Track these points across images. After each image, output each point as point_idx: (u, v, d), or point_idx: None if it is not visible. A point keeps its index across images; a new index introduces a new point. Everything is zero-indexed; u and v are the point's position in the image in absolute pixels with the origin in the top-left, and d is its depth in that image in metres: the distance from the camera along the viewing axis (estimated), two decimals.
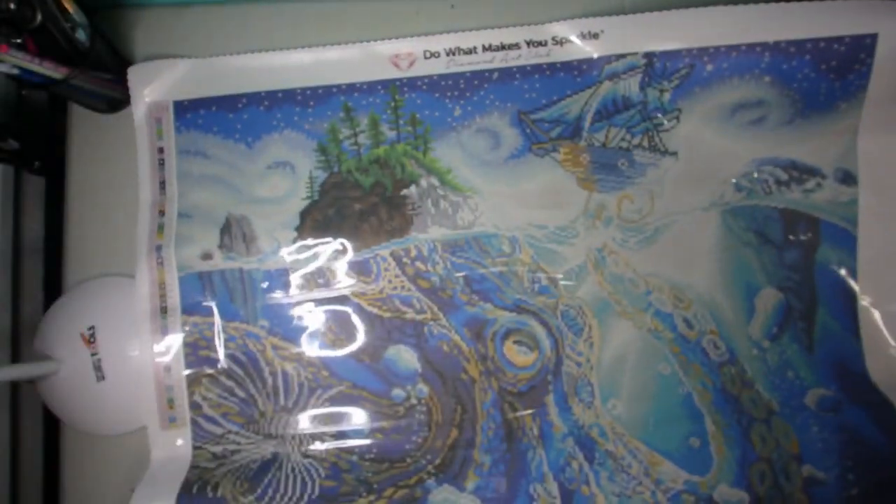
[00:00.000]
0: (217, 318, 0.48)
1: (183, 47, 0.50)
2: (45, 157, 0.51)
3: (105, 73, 0.46)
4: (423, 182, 0.49)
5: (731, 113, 0.47)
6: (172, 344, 0.48)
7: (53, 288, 0.51)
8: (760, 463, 0.46)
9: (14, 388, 0.50)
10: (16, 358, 0.49)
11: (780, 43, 0.46)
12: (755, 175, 0.48)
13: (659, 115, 0.48)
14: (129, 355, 0.47)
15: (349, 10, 0.50)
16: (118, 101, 0.49)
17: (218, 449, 0.47)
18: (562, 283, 0.48)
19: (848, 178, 0.47)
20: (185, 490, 0.45)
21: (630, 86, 0.48)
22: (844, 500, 0.45)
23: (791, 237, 0.48)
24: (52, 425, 0.51)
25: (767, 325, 0.48)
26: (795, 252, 0.48)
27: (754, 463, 0.46)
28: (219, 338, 0.48)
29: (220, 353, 0.48)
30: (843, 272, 0.47)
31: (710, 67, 0.47)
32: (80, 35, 0.42)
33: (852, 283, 0.47)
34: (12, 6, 0.38)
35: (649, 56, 0.47)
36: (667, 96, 0.48)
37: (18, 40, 0.39)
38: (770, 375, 0.47)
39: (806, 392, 0.47)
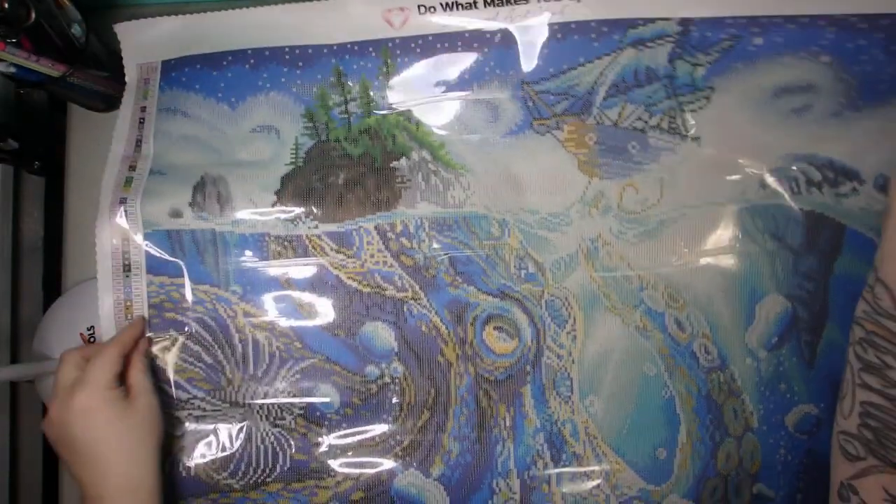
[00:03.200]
0: (186, 280, 0.41)
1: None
2: (45, 157, 0.46)
3: (101, 70, 0.41)
4: (415, 155, 0.39)
5: (774, 97, 0.35)
6: (135, 304, 0.41)
7: (53, 288, 0.46)
8: (716, 479, 0.39)
9: (14, 388, 0.45)
10: (15, 358, 0.45)
11: (850, 17, 0.33)
12: (786, 171, 0.37)
13: (687, 92, 0.37)
14: None
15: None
16: (115, 99, 0.42)
17: (182, 414, 0.40)
18: (549, 271, 0.40)
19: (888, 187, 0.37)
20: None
21: (657, 56, 0.36)
22: None
23: (811, 243, 0.38)
24: None
25: (767, 335, 0.39)
26: (813, 259, 0.38)
27: (710, 478, 0.39)
28: (187, 300, 0.41)
29: (188, 316, 0.41)
30: (861, 285, 0.38)
31: (758, 41, 0.34)
32: (76, 30, 0.37)
33: None
34: (6, 5, 0.34)
35: (685, 23, 0.35)
36: (700, 72, 0.36)
37: (14, 39, 0.34)
38: (761, 386, 0.39)
39: (792, 407, 0.39)
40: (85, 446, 0.34)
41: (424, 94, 0.38)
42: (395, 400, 0.41)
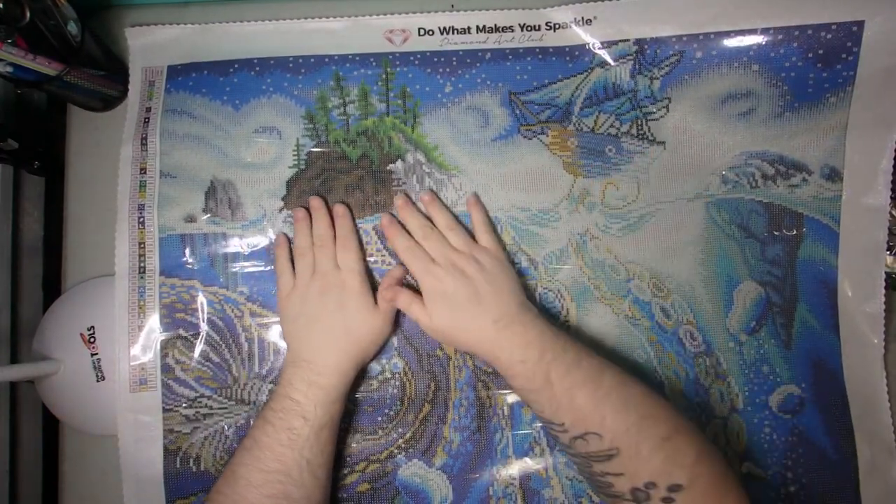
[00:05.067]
0: (196, 282, 0.44)
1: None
2: (45, 157, 0.47)
3: (98, 69, 0.42)
4: (410, 157, 0.44)
5: (721, 103, 0.42)
6: (148, 304, 0.43)
7: (53, 288, 0.46)
8: None
9: (14, 388, 0.45)
10: (15, 358, 0.45)
11: (769, 30, 0.40)
12: (742, 168, 0.43)
13: (648, 103, 0.43)
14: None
15: (351, 10, 0.44)
16: (113, 98, 0.45)
17: (190, 412, 0.42)
18: (542, 265, 0.44)
19: (833, 175, 0.42)
20: (169, 465, 0.41)
21: (621, 73, 0.43)
22: (780, 497, 0.41)
23: (775, 232, 0.43)
24: (51, 425, 0.46)
25: (746, 319, 0.43)
26: (778, 247, 0.43)
27: None
28: (196, 301, 0.43)
29: (197, 316, 0.44)
30: (824, 269, 0.42)
31: (699, 55, 0.42)
32: (72, 28, 0.38)
33: (834, 280, 0.42)
34: (1, 6, 0.35)
35: (640, 43, 0.42)
36: (657, 84, 0.43)
37: (9, 40, 0.35)
38: (745, 369, 0.42)
39: (776, 388, 0.42)
40: (322, 324, 0.38)
41: (421, 100, 0.44)
42: (396, 394, 0.42)
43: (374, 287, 0.42)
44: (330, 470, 0.37)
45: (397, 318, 0.43)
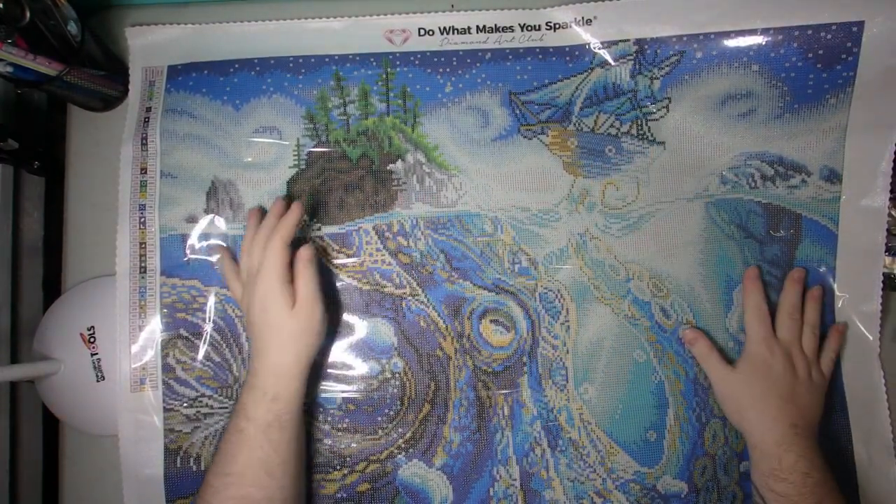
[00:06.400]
0: (197, 282, 0.44)
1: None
2: (45, 157, 0.47)
3: (98, 69, 0.42)
4: (410, 157, 0.45)
5: (721, 104, 0.42)
6: (149, 304, 0.44)
7: (53, 288, 0.47)
8: (705, 458, 0.42)
9: (14, 388, 0.45)
10: (15, 358, 0.46)
11: (769, 30, 0.41)
12: (742, 169, 0.43)
13: (649, 103, 0.44)
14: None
15: (351, 9, 0.44)
16: (113, 98, 0.46)
17: (191, 412, 0.42)
18: (542, 265, 0.44)
19: (833, 177, 0.42)
20: (169, 464, 0.42)
21: (621, 73, 0.44)
22: None
23: (773, 232, 0.43)
24: (51, 425, 0.47)
25: None
26: (777, 247, 0.44)
27: (699, 458, 0.42)
28: (198, 301, 0.44)
29: (198, 316, 0.44)
30: (823, 269, 0.43)
31: (699, 55, 0.42)
32: (72, 29, 0.39)
33: (831, 280, 0.43)
34: (1, 6, 0.35)
35: (640, 43, 0.43)
36: (657, 84, 0.44)
37: (9, 40, 0.36)
38: None
39: None
40: (257, 328, 0.39)
41: (421, 100, 0.44)
42: (396, 394, 0.43)
43: (375, 288, 0.42)
44: (291, 469, 0.37)
45: (396, 317, 0.44)
